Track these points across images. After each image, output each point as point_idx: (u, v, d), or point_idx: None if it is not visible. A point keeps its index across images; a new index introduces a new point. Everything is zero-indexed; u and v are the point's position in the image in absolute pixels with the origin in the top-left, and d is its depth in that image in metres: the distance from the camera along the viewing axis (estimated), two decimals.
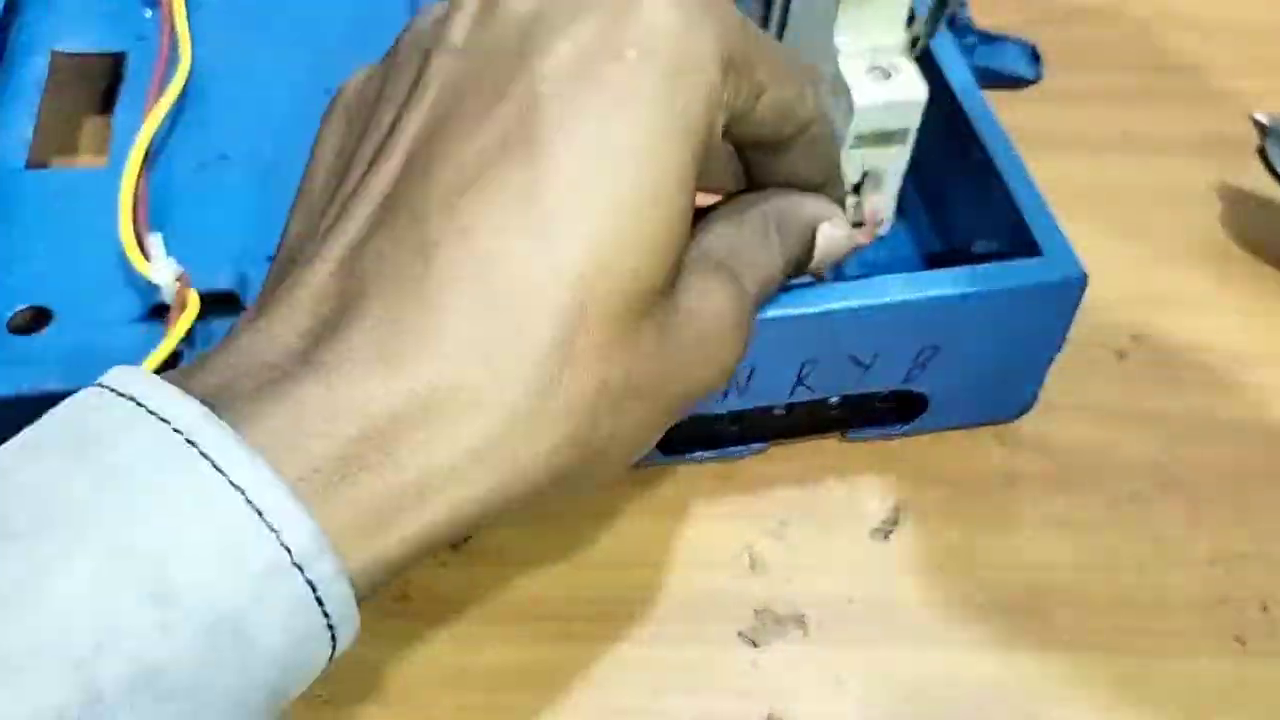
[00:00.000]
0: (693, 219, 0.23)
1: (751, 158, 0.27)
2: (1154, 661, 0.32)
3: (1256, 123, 0.40)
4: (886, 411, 0.35)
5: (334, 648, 0.20)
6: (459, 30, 0.23)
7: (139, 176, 0.35)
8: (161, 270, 0.32)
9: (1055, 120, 0.46)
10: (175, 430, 0.18)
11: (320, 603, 0.19)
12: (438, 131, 0.22)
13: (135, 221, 0.33)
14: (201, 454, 0.18)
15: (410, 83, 0.23)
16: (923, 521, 0.34)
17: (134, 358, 0.28)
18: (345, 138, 0.25)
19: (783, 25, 0.34)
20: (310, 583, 0.19)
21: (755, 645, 0.32)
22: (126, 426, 0.19)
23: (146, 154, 0.36)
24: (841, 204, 0.29)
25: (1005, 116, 0.39)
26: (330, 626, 0.19)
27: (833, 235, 0.28)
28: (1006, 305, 0.31)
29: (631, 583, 0.33)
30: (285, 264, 0.24)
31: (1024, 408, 0.36)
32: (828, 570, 0.33)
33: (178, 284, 0.32)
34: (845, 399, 0.34)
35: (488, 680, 0.31)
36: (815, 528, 0.34)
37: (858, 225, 0.34)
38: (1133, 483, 0.35)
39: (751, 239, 0.27)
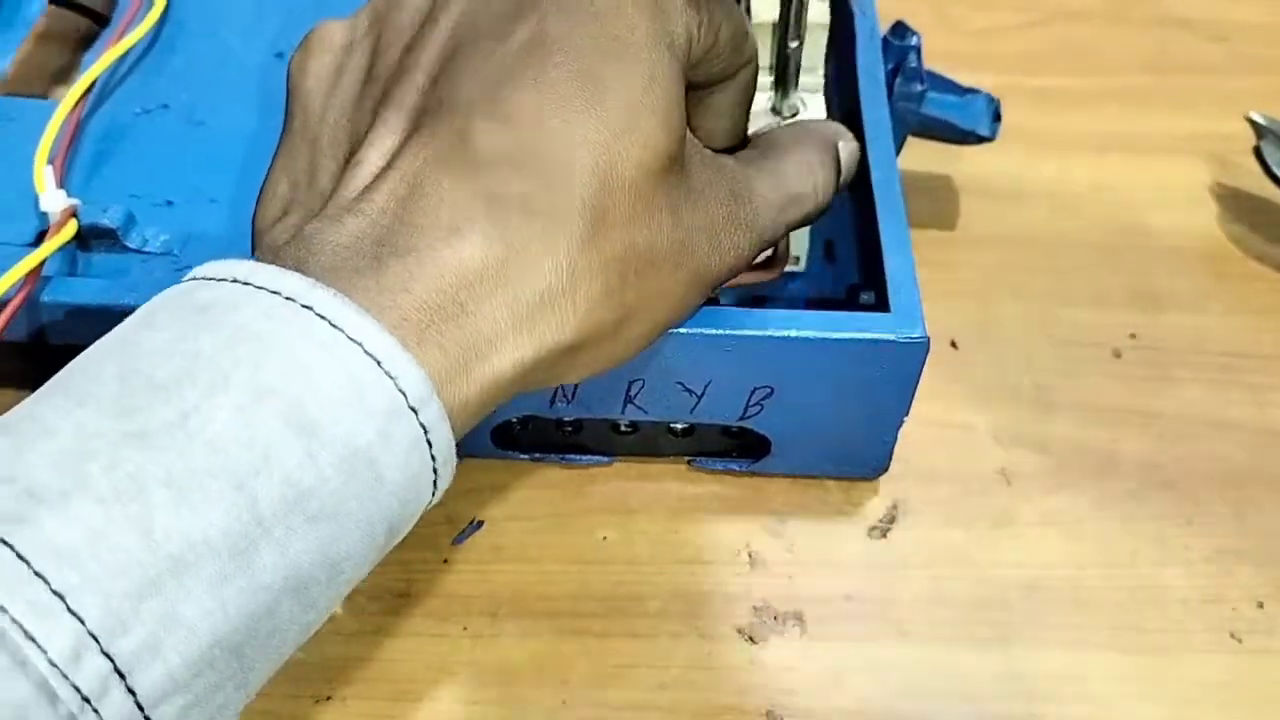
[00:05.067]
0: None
1: (700, 98, 0.29)
2: (1150, 658, 0.32)
3: (1252, 123, 0.41)
4: (732, 447, 0.35)
5: (435, 489, 0.22)
6: None
7: (71, 112, 0.37)
8: (51, 200, 0.33)
9: (1054, 120, 0.46)
10: (288, 299, 0.21)
11: (430, 444, 0.21)
12: (456, 55, 0.25)
13: (50, 154, 0.35)
14: (318, 315, 0.21)
15: (419, 22, 0.26)
16: (920, 520, 0.35)
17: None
18: (339, 74, 0.27)
19: None
20: (423, 425, 0.21)
21: (754, 642, 0.32)
22: (241, 298, 0.21)
23: (89, 94, 0.38)
24: (744, 138, 0.30)
25: (1005, 115, 0.39)
26: (435, 469, 0.22)
27: (851, 149, 0.30)
28: (841, 356, 0.30)
29: (634, 580, 0.33)
30: (291, 187, 0.26)
31: (879, 468, 0.35)
32: (826, 568, 0.34)
33: (61, 214, 0.33)
34: (690, 428, 0.34)
35: (498, 675, 0.31)
36: (814, 526, 0.34)
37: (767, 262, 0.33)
38: (1129, 481, 0.36)
39: (786, 157, 0.29)
